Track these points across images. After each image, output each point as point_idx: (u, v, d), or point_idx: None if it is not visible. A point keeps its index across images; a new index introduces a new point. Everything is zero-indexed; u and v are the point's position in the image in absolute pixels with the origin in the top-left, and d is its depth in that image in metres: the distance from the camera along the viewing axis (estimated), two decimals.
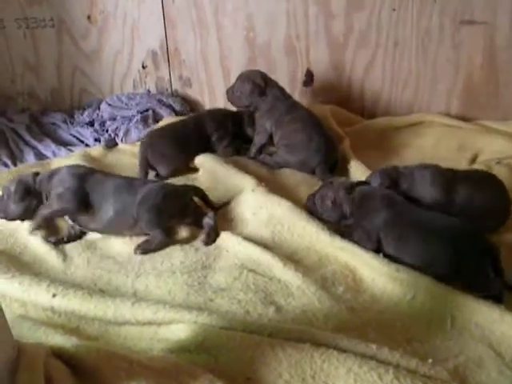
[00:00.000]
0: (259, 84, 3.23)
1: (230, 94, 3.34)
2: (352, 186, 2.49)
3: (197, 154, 3.22)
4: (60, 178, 2.58)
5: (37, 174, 2.66)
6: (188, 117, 3.58)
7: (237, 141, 3.38)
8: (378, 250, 2.29)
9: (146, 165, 3.15)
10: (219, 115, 3.41)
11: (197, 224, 2.57)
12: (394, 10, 3.54)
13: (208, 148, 3.29)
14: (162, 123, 3.63)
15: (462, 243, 2.13)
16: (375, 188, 2.53)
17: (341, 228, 2.50)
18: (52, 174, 2.63)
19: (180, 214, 2.56)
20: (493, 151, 3.25)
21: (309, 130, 3.09)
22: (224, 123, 3.35)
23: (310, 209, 2.59)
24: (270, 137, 3.23)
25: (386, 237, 2.28)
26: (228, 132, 3.34)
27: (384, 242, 2.29)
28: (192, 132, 3.28)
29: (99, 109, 3.96)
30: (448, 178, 2.53)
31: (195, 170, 3.21)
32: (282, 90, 3.30)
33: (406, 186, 2.54)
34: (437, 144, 3.45)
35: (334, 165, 3.12)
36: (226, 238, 2.47)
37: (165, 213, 2.48)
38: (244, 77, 3.30)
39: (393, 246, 2.26)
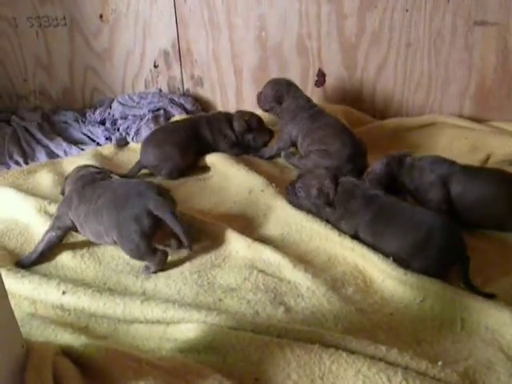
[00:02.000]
0: (280, 91, 3.30)
1: (258, 95, 3.41)
2: (336, 176, 2.53)
3: (195, 154, 3.25)
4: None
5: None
6: (183, 120, 3.59)
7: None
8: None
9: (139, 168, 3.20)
10: (214, 119, 3.37)
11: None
12: (407, 10, 3.52)
13: (208, 149, 3.29)
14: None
15: (434, 239, 2.18)
16: (357, 185, 2.52)
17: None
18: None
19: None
20: (505, 153, 3.23)
21: (341, 137, 3.08)
22: (219, 126, 3.33)
23: (292, 199, 2.63)
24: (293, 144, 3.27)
25: (363, 232, 2.38)
26: (226, 135, 3.31)
27: (361, 235, 2.39)
28: (187, 134, 3.25)
29: (111, 108, 3.97)
30: (448, 167, 2.56)
31: (206, 168, 3.24)
32: (307, 99, 3.32)
33: (409, 179, 2.60)
34: (449, 145, 3.43)
35: (363, 169, 3.07)
36: (235, 239, 2.46)
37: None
38: (271, 82, 3.38)
39: (369, 240, 2.36)
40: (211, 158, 3.22)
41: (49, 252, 2.42)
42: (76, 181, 2.51)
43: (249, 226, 2.62)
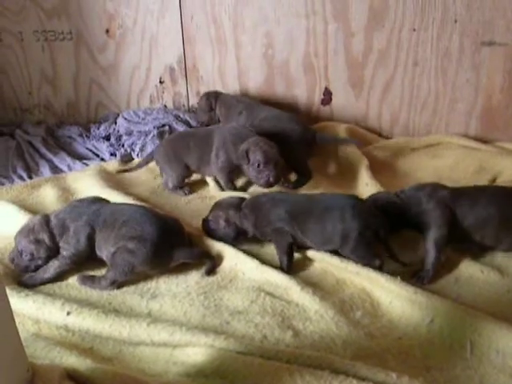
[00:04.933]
0: (210, 100, 3.75)
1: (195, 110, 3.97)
2: (240, 203, 2.57)
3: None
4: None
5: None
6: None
7: None
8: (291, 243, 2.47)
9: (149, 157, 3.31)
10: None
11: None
12: (414, 29, 3.51)
13: None
14: None
15: (350, 218, 2.35)
16: (259, 196, 2.63)
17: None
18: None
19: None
20: None
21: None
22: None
23: (208, 232, 2.61)
24: None
25: (291, 228, 2.44)
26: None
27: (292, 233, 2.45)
28: (197, 142, 3.17)
29: (115, 123, 3.95)
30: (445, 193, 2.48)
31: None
32: (235, 99, 3.74)
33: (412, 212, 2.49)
34: (455, 166, 3.41)
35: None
36: (242, 261, 2.43)
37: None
38: (203, 95, 3.82)
39: (299, 233, 2.43)
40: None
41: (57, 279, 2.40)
42: (74, 218, 2.41)
43: (255, 247, 2.59)
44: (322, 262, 2.45)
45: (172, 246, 2.36)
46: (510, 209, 2.45)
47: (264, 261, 2.45)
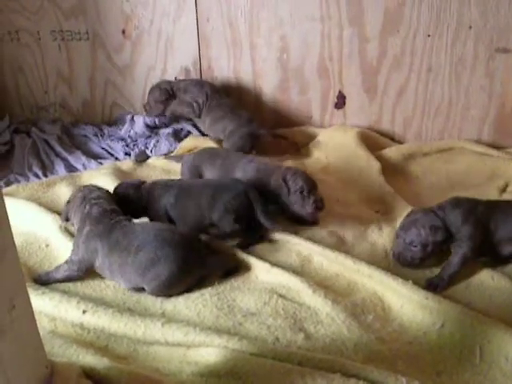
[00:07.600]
0: (166, 89, 3.81)
1: (145, 105, 3.91)
2: (140, 185, 2.73)
3: None
4: None
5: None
6: None
7: None
8: None
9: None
10: None
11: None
12: (429, 35, 3.52)
13: None
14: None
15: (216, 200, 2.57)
16: (157, 181, 2.80)
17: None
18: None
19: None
20: None
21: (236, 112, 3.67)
22: None
23: None
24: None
25: (172, 211, 2.63)
26: None
27: (172, 214, 2.64)
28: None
29: (133, 120, 4.02)
30: (481, 210, 2.44)
31: None
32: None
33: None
34: (467, 171, 3.41)
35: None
36: (254, 264, 2.45)
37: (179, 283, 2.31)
38: (154, 87, 3.86)
39: (178, 219, 2.63)
40: None
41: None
42: (94, 222, 2.35)
43: (268, 251, 2.60)
44: (335, 263, 2.46)
45: (200, 257, 2.33)
46: None
47: (276, 263, 2.46)
